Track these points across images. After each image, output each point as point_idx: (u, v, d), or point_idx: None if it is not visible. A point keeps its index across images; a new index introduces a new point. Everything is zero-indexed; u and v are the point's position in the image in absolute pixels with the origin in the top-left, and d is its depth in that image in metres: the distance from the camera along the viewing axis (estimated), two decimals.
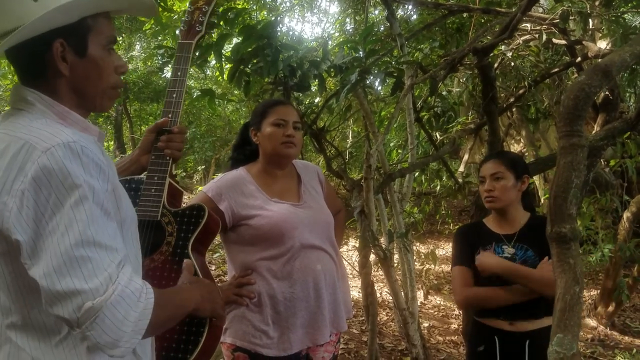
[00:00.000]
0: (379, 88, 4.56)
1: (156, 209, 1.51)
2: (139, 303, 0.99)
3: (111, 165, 1.12)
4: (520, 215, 2.15)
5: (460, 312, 5.13)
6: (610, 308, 5.22)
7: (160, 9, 3.30)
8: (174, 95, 1.60)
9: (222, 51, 2.88)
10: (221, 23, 2.89)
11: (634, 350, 4.64)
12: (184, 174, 13.77)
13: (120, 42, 11.81)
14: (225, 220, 1.90)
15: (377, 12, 7.18)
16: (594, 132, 3.82)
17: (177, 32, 1.75)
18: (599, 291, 5.54)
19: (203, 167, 13.96)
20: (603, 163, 5.86)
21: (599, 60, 3.42)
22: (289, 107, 2.04)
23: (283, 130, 1.96)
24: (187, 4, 1.80)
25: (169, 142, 1.56)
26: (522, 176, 2.13)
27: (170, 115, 1.59)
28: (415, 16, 5.44)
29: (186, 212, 1.58)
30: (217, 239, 1.96)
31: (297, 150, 2.02)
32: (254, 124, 2.05)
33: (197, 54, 2.87)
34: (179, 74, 1.62)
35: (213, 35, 3.01)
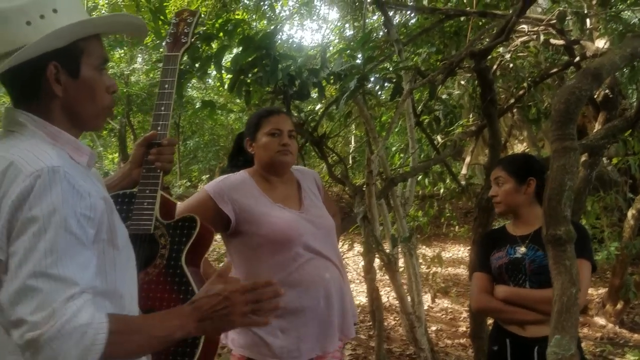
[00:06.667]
0: (380, 93, 4.58)
1: (149, 222, 1.51)
2: (82, 340, 0.96)
3: (99, 190, 1.12)
4: (535, 216, 2.16)
5: (468, 315, 5.12)
6: (619, 306, 5.20)
7: (159, 22, 3.34)
8: (162, 108, 1.59)
9: (222, 62, 2.90)
10: (220, 35, 2.92)
11: None
12: (189, 183, 13.83)
13: (122, 55, 11.91)
14: (226, 221, 1.90)
15: (375, 17, 7.20)
16: (594, 130, 3.82)
17: (164, 44, 1.73)
18: (606, 289, 5.53)
19: (207, 176, 14.01)
20: (606, 161, 5.87)
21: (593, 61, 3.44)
22: (282, 116, 2.05)
23: (278, 140, 1.97)
24: (172, 16, 1.80)
25: (159, 154, 1.55)
26: (526, 179, 2.15)
27: (159, 128, 1.58)
28: (413, 20, 5.47)
29: (178, 224, 1.58)
30: (223, 247, 1.96)
31: (294, 158, 2.03)
32: (248, 135, 2.06)
33: (196, 65, 2.90)
34: (166, 86, 1.61)
35: (212, 46, 3.03)
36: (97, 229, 1.08)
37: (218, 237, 2.06)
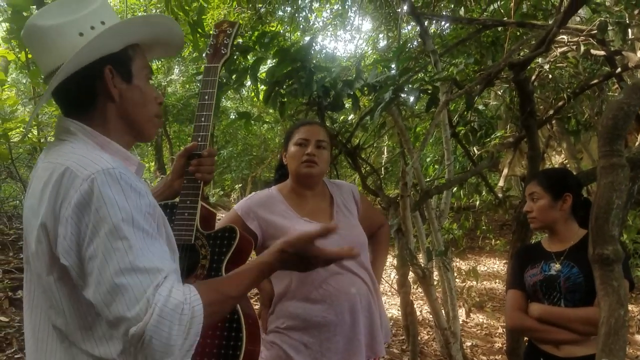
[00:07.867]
0: (414, 105, 4.54)
1: (190, 232, 1.53)
2: (183, 316, 1.00)
3: (148, 191, 1.14)
4: (571, 232, 2.12)
5: (504, 330, 5.01)
6: None
7: (197, 35, 3.39)
8: (203, 119, 1.61)
9: (258, 74, 2.93)
10: (256, 47, 2.95)
11: None
12: (222, 192, 13.98)
13: (159, 66, 12.16)
14: (255, 238, 1.90)
15: (409, 27, 7.17)
16: (636, 144, 3.71)
17: (204, 55, 1.76)
18: None
19: (240, 185, 14.16)
20: None
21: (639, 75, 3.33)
22: (313, 127, 2.05)
23: (304, 149, 1.97)
24: (212, 27, 1.83)
25: (199, 165, 1.58)
26: (562, 195, 2.09)
27: (199, 139, 1.60)
28: (447, 31, 5.42)
29: (218, 235, 1.59)
30: None
31: (320, 170, 2.00)
32: (284, 146, 2.09)
33: (233, 77, 2.93)
34: (206, 97, 1.63)
35: (249, 58, 3.06)
36: (157, 226, 1.10)
37: None
